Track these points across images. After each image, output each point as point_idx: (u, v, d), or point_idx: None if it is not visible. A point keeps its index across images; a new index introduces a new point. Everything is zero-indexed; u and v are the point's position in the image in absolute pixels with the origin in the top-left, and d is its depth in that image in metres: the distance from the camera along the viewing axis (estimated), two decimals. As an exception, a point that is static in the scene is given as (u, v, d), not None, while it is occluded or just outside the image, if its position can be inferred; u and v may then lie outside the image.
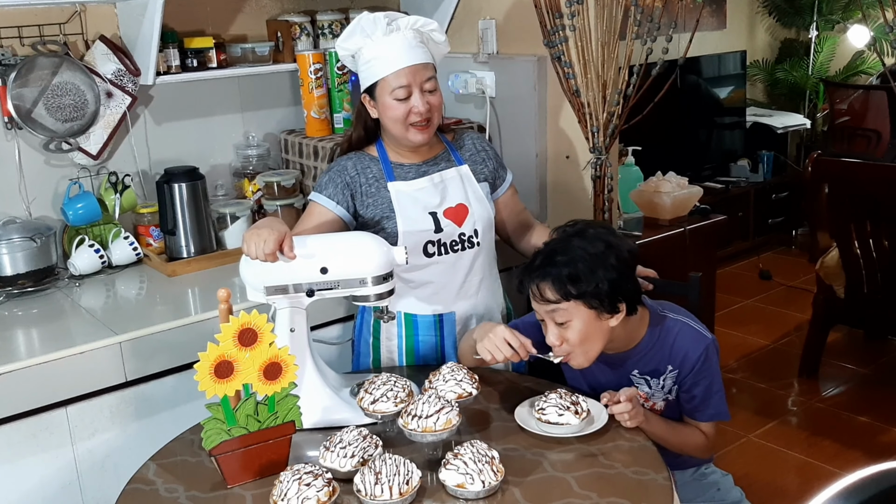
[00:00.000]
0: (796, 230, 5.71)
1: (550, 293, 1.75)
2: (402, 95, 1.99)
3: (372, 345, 2.19)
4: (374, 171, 2.09)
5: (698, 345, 1.84)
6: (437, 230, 2.07)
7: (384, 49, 1.98)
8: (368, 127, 2.12)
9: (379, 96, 2.02)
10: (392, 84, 1.98)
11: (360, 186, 2.08)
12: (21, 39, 2.45)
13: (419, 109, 2.00)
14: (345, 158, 2.12)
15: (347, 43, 2.03)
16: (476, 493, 1.51)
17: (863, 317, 3.79)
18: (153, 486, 1.65)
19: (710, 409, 1.87)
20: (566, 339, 1.78)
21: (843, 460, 3.13)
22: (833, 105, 5.59)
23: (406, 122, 2.01)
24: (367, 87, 2.04)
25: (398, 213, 2.05)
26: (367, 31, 1.99)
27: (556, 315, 1.77)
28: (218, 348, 1.59)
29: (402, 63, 1.98)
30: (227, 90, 2.87)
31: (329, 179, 2.09)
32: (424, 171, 2.11)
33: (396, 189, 2.07)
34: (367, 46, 2.00)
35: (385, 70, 1.98)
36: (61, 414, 2.02)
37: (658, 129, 4.08)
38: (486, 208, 2.15)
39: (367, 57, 2.01)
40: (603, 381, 1.91)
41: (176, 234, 2.55)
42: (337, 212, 2.06)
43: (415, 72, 1.98)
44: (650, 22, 2.52)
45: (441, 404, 1.65)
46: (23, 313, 2.27)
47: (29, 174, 2.52)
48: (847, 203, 3.51)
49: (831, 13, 5.86)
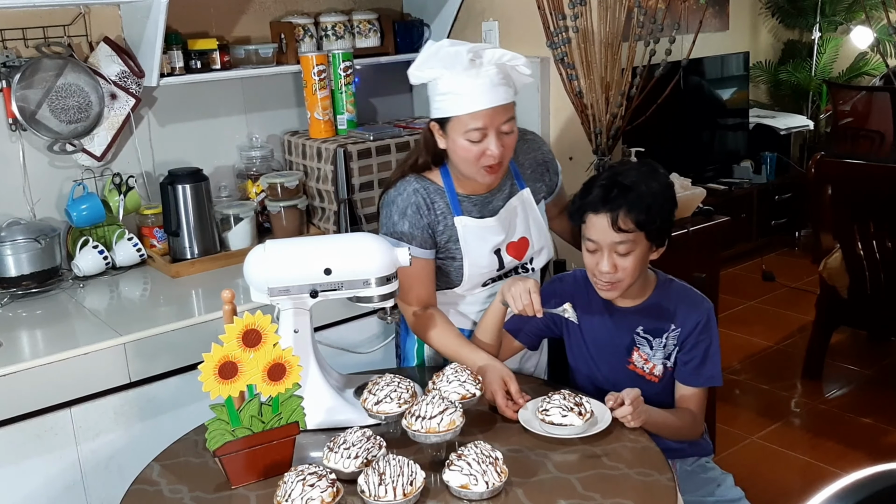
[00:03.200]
0: (799, 231, 5.71)
1: (628, 222, 1.81)
2: (477, 138, 1.87)
3: (416, 347, 2.19)
4: (441, 205, 2.01)
5: (701, 306, 1.94)
6: (499, 268, 2.07)
7: (463, 85, 1.84)
8: (436, 154, 2.00)
9: (451, 132, 1.90)
10: (467, 125, 1.86)
11: (434, 224, 2.01)
12: (25, 41, 2.45)
13: (493, 153, 1.88)
14: (413, 193, 1.99)
15: (423, 72, 1.90)
16: (480, 493, 1.51)
17: (866, 318, 3.79)
18: (157, 487, 1.65)
19: (707, 372, 1.93)
20: (622, 268, 1.84)
21: (847, 462, 3.13)
22: (836, 106, 5.59)
23: (477, 163, 1.90)
24: (438, 118, 1.92)
25: (465, 252, 2.02)
26: (446, 63, 1.85)
27: (623, 245, 1.83)
28: (222, 349, 1.59)
29: (482, 105, 1.84)
30: (231, 92, 2.87)
31: (412, 226, 1.98)
32: (489, 202, 2.05)
33: (463, 224, 2.01)
34: (444, 78, 1.86)
35: (461, 108, 1.85)
36: (65, 415, 2.02)
37: (661, 131, 4.08)
38: (545, 234, 2.13)
39: (444, 89, 1.87)
40: (606, 338, 1.96)
41: (180, 235, 2.55)
42: (432, 256, 2.02)
43: (494, 114, 1.86)
44: (653, 23, 2.52)
45: (445, 405, 1.65)
46: (27, 314, 2.28)
47: (33, 175, 2.53)
48: (850, 204, 3.51)
49: (834, 14, 5.86)
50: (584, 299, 1.99)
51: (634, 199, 1.81)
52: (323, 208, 2.75)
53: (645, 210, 1.81)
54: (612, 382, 1.95)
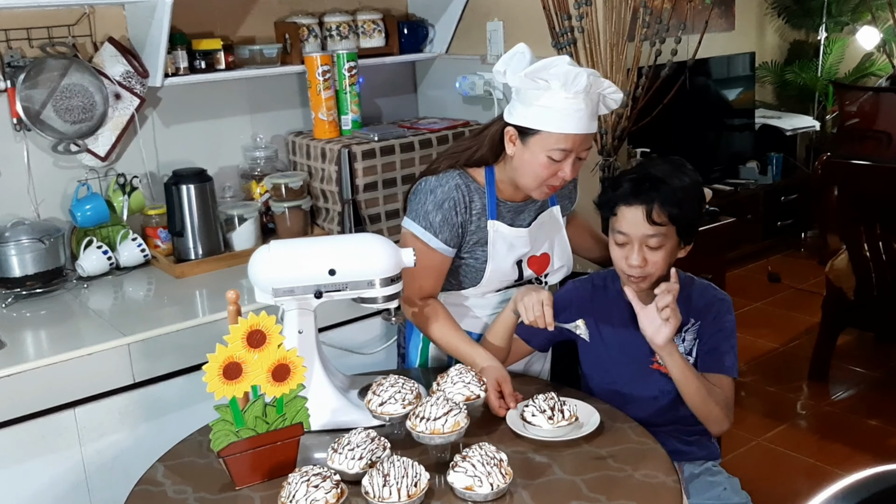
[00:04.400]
0: (805, 232, 5.69)
1: (661, 215, 1.82)
2: (559, 157, 1.88)
3: (420, 347, 2.19)
4: (478, 205, 2.01)
5: (719, 299, 1.97)
6: (518, 279, 2.08)
7: (567, 106, 1.84)
8: (496, 154, 1.99)
9: (532, 144, 1.89)
10: (556, 144, 1.86)
11: (467, 224, 2.00)
12: (30, 41, 2.45)
13: (566, 176, 1.90)
14: (455, 188, 1.98)
15: (535, 80, 1.84)
16: (484, 495, 1.51)
17: (873, 319, 3.77)
18: (161, 488, 1.65)
19: (727, 363, 1.94)
20: (651, 262, 1.85)
21: (853, 464, 3.11)
22: (842, 107, 5.55)
23: (546, 181, 1.91)
24: (523, 126, 1.90)
25: (491, 256, 2.02)
26: (562, 80, 1.82)
27: (654, 238, 1.84)
28: (227, 350, 1.58)
29: (577, 129, 1.85)
30: (235, 92, 2.87)
31: (444, 220, 1.97)
32: (521, 210, 2.06)
33: (495, 229, 2.02)
34: (552, 92, 1.84)
35: (558, 127, 1.85)
36: (70, 415, 2.02)
37: (667, 131, 4.06)
38: (567, 253, 2.15)
39: (545, 103, 1.85)
40: (628, 339, 1.95)
41: (184, 235, 2.55)
42: (452, 254, 2.02)
43: (582, 140, 1.88)
44: (659, 23, 2.52)
45: (449, 406, 1.64)
46: (31, 314, 2.28)
47: (37, 176, 2.53)
48: (856, 205, 3.50)
49: (841, 15, 5.84)
50: (603, 303, 1.99)
51: (668, 192, 1.82)
52: (327, 209, 2.75)
53: (678, 204, 1.82)
54: (634, 383, 1.95)
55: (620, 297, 1.97)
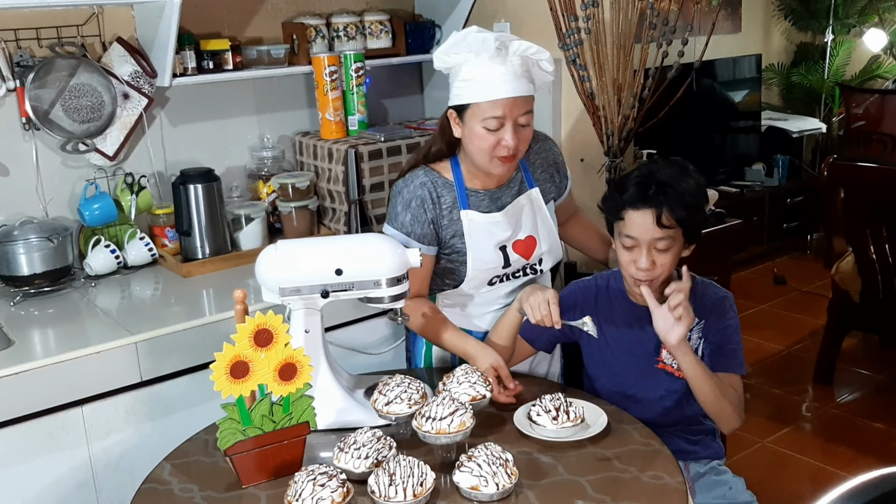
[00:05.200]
0: (811, 235, 5.68)
1: (670, 219, 1.82)
2: (494, 126, 1.87)
3: (424, 350, 2.20)
4: (447, 199, 2.01)
5: (723, 297, 1.98)
6: (505, 265, 2.06)
7: (486, 73, 1.85)
8: (450, 143, 2.01)
9: (468, 120, 1.90)
10: (486, 112, 1.86)
11: (437, 219, 2.01)
12: (39, 41, 2.47)
13: (508, 144, 1.88)
14: (419, 186, 2.00)
15: (449, 56, 1.89)
16: (490, 495, 1.51)
17: (878, 322, 3.76)
18: (168, 486, 1.66)
19: (734, 360, 1.95)
20: (660, 264, 1.86)
21: (857, 466, 3.11)
22: (849, 109, 5.56)
23: (492, 153, 1.90)
24: (457, 105, 1.92)
25: (469, 248, 2.01)
26: (472, 49, 1.84)
27: (663, 241, 1.84)
28: (234, 348, 1.59)
29: (502, 93, 1.85)
30: (243, 92, 2.88)
31: (413, 219, 1.99)
32: (497, 197, 2.04)
33: (469, 219, 2.01)
34: (468, 64, 1.87)
35: (482, 96, 1.86)
36: (77, 413, 2.03)
37: (673, 133, 4.07)
38: (553, 234, 2.12)
39: (466, 76, 1.88)
40: (633, 340, 1.96)
41: (191, 235, 2.56)
42: (431, 252, 2.02)
43: (513, 104, 1.86)
44: (665, 25, 2.52)
45: (455, 406, 1.65)
46: (39, 313, 2.29)
47: (46, 175, 2.54)
48: (863, 208, 3.49)
49: (847, 17, 5.83)
50: (607, 304, 1.99)
51: (675, 195, 1.83)
52: (334, 209, 2.75)
53: (685, 207, 1.83)
54: (640, 383, 1.95)
55: (624, 298, 1.97)
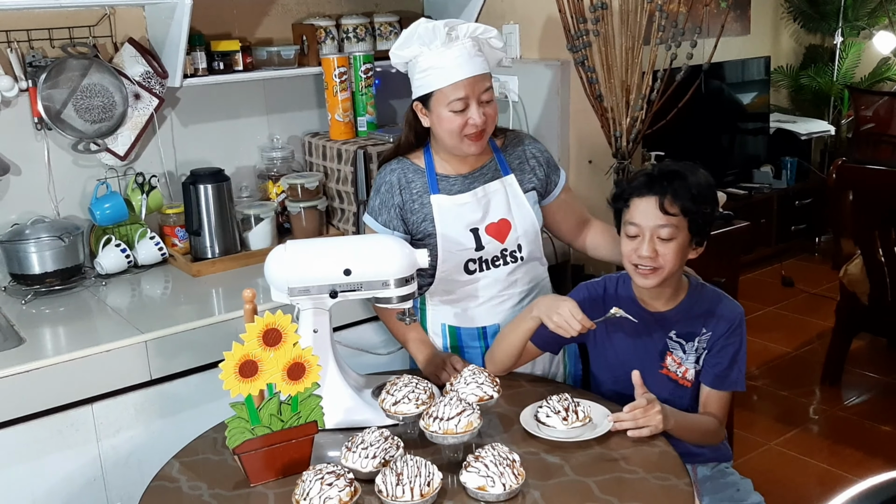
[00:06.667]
0: (819, 237, 5.67)
1: (674, 206, 1.84)
2: (459, 108, 1.94)
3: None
4: (418, 184, 2.07)
5: (733, 310, 1.96)
6: (478, 248, 2.07)
7: (442, 59, 1.93)
8: (418, 133, 2.09)
9: (434, 107, 1.98)
10: (449, 96, 1.94)
11: (406, 203, 2.06)
12: (51, 41, 2.48)
13: (476, 122, 1.95)
14: (389, 172, 2.09)
15: (403, 51, 1.97)
16: (497, 495, 1.52)
17: (886, 325, 3.75)
18: (177, 484, 1.67)
19: (733, 376, 1.94)
20: (662, 254, 1.86)
21: (865, 469, 3.11)
22: (858, 111, 5.55)
23: (461, 133, 1.97)
24: (422, 96, 1.99)
25: (438, 231, 2.04)
26: (424, 40, 1.93)
27: (665, 230, 1.85)
28: (243, 348, 1.60)
29: (461, 75, 1.93)
30: (253, 93, 2.89)
31: (381, 203, 2.07)
32: (469, 183, 2.08)
33: (438, 203, 2.05)
34: (423, 55, 1.95)
35: (442, 81, 1.94)
36: (87, 411, 2.04)
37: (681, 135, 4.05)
38: (532, 221, 2.12)
39: (424, 66, 1.95)
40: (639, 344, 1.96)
41: (201, 234, 2.57)
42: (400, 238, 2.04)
43: (473, 83, 1.94)
44: (674, 27, 2.52)
45: (462, 407, 1.65)
46: (50, 311, 2.30)
47: (57, 174, 2.56)
48: (871, 210, 3.48)
49: (857, 19, 5.81)
50: (613, 306, 1.99)
51: (681, 185, 1.85)
52: (342, 209, 2.76)
53: (691, 197, 1.84)
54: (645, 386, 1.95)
55: (632, 302, 1.97)
